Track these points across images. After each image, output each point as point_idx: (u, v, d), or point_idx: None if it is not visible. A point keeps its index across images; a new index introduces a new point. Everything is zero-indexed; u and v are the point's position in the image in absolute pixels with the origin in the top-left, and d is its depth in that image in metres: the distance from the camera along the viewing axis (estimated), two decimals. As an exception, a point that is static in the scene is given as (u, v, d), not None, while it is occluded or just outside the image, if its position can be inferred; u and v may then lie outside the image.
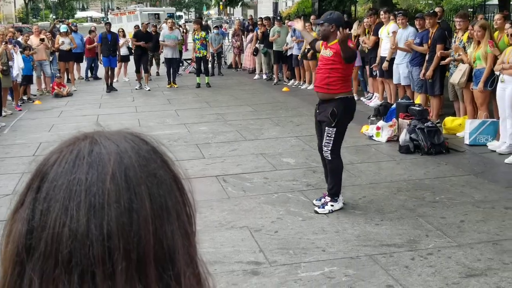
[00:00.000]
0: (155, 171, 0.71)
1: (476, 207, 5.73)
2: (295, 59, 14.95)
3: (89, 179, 0.67)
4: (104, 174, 0.68)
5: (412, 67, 9.99)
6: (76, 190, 0.67)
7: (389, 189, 6.40)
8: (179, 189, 0.75)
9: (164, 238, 0.69)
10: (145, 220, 0.68)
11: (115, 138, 0.72)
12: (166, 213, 0.71)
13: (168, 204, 0.71)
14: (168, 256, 0.70)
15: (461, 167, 7.28)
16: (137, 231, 0.67)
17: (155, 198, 0.70)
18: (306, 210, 5.76)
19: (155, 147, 0.76)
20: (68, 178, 0.67)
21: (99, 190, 0.67)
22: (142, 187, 0.69)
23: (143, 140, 0.75)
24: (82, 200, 0.66)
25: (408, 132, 7.98)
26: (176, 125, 10.28)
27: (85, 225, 0.65)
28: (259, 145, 8.58)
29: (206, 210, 5.84)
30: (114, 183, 0.67)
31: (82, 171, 0.68)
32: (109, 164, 0.68)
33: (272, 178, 6.91)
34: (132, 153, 0.71)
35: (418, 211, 5.66)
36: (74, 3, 71.45)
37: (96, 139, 0.72)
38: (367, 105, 11.79)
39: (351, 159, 7.72)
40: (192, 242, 0.75)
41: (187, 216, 0.74)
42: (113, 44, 15.73)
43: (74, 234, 0.65)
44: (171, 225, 0.71)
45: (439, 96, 9.64)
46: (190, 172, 5.73)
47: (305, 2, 35.85)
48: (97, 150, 0.70)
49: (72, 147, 0.71)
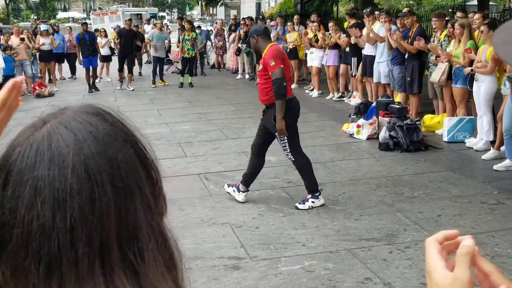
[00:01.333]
0: (115, 154, 0.73)
1: (453, 202, 5.85)
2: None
3: (51, 174, 0.70)
4: (65, 168, 0.70)
5: (393, 65, 10.12)
6: (41, 186, 0.69)
7: (369, 185, 6.50)
8: (141, 163, 0.77)
9: (127, 218, 0.72)
10: (108, 205, 0.71)
11: (72, 125, 0.74)
12: (129, 192, 0.73)
13: (130, 183, 0.73)
14: (132, 233, 0.73)
15: (439, 163, 7.41)
16: (99, 218, 0.70)
17: (116, 182, 0.72)
18: (287, 206, 5.84)
19: (115, 123, 0.77)
20: (32, 174, 0.70)
21: (62, 184, 0.69)
22: (103, 174, 0.71)
23: (102, 118, 0.76)
24: (47, 196, 0.69)
25: (387, 130, 8.10)
26: (159, 124, 10.31)
27: (51, 219, 0.69)
28: (241, 144, 8.64)
29: (188, 207, 5.89)
30: (75, 176, 0.70)
31: (44, 167, 0.70)
32: (69, 157, 0.70)
33: (254, 175, 6.96)
34: (90, 140, 0.72)
35: (397, 206, 5.77)
36: (55, 4, 70.90)
37: (53, 128, 0.73)
38: (347, 103, 11.92)
39: (332, 156, 7.82)
40: (154, 213, 0.77)
41: (149, 188, 0.77)
42: (91, 44, 15.66)
43: (41, 229, 0.69)
44: (133, 203, 0.73)
45: (418, 95, 9.78)
46: (173, 170, 5.81)
47: (287, 2, 36.03)
48: (56, 143, 0.71)
49: (31, 138, 0.73)
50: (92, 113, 0.76)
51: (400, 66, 9.94)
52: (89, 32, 15.96)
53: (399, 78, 9.98)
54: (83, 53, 15.49)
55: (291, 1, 33.39)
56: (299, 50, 14.27)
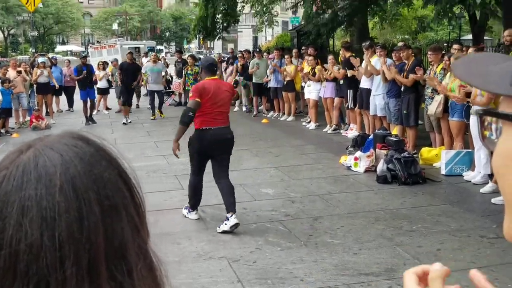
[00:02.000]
0: (101, 173, 0.74)
1: (452, 236, 5.79)
2: (273, 91, 15.13)
3: (39, 194, 0.69)
4: (52, 187, 0.70)
5: (389, 98, 10.15)
6: (28, 206, 0.69)
7: (367, 218, 6.44)
8: (125, 184, 0.77)
9: (115, 237, 0.72)
10: (95, 224, 0.71)
11: (57, 147, 0.74)
12: (115, 211, 0.73)
13: (116, 202, 0.74)
14: (119, 253, 0.72)
15: (438, 196, 7.37)
16: (87, 236, 0.70)
17: (103, 201, 0.72)
18: (285, 240, 5.77)
19: (98, 147, 0.78)
20: (19, 195, 0.70)
21: (49, 203, 0.69)
22: (90, 193, 0.71)
23: (86, 142, 0.77)
24: (35, 215, 0.69)
25: (385, 162, 8.07)
26: (155, 156, 10.27)
27: (39, 238, 0.68)
28: (238, 176, 8.57)
29: (185, 241, 5.82)
30: (62, 195, 0.70)
31: (31, 187, 0.70)
32: (56, 177, 0.71)
33: (251, 208, 6.92)
34: (76, 160, 0.73)
35: (396, 240, 5.70)
36: (54, 37, 71.52)
37: (39, 151, 0.74)
38: (345, 135, 11.93)
39: (330, 189, 7.77)
40: (141, 233, 0.77)
41: (135, 208, 0.77)
42: (89, 77, 15.72)
43: (29, 248, 0.68)
44: (120, 222, 0.73)
45: (415, 127, 9.79)
46: (169, 203, 5.75)
47: (284, 36, 36.38)
48: (42, 163, 0.72)
49: (17, 161, 0.73)
50: (76, 137, 0.78)
51: (396, 99, 9.97)
52: (87, 65, 16.04)
53: (395, 110, 10.00)
54: (81, 85, 15.51)
55: (287, 35, 33.74)
56: (296, 83, 14.35)
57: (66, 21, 64.60)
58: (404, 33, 36.83)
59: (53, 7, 62.13)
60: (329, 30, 19.38)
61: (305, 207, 6.93)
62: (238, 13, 21.13)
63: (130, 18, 69.34)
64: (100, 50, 36.27)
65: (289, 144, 11.30)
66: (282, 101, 15.00)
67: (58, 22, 64.11)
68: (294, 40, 24.39)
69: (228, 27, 21.88)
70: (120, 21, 68.67)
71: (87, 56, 17.59)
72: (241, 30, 57.65)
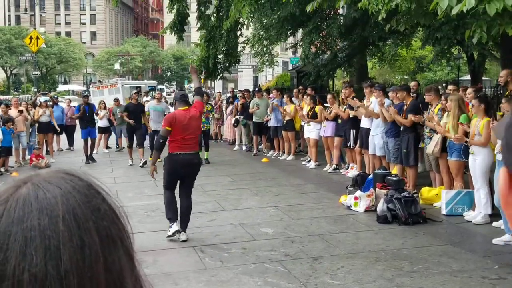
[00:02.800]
0: (98, 205, 0.77)
1: (454, 277, 5.73)
2: (273, 130, 15.21)
3: (42, 224, 0.71)
4: (55, 217, 0.72)
5: (388, 138, 10.18)
6: (31, 236, 0.70)
7: (368, 259, 6.38)
8: (117, 218, 0.80)
9: (113, 267, 0.74)
10: (96, 253, 0.72)
11: (55, 181, 0.76)
12: (113, 242, 0.76)
13: (113, 233, 0.76)
14: (118, 281, 0.74)
15: (439, 237, 7.31)
16: (89, 265, 0.71)
17: (101, 231, 0.75)
18: (284, 281, 5.70)
19: (90, 183, 0.80)
20: (21, 226, 0.71)
21: (53, 233, 0.70)
22: (90, 223, 0.74)
23: (78, 178, 0.79)
24: (38, 245, 0.69)
25: (385, 202, 8.04)
26: (155, 195, 10.21)
27: (44, 267, 0.69)
28: (238, 215, 8.55)
29: (183, 281, 5.75)
30: (65, 225, 0.71)
31: (33, 218, 0.71)
32: (57, 207, 0.72)
33: (250, 248, 6.86)
34: (75, 192, 0.75)
35: (397, 281, 5.63)
36: (56, 77, 72.24)
37: (37, 185, 0.75)
38: (345, 175, 11.91)
39: (330, 228, 7.72)
40: (135, 264, 0.80)
41: (128, 241, 0.80)
42: (91, 116, 15.75)
43: (34, 278, 0.68)
44: (117, 252, 0.76)
45: (414, 167, 9.79)
46: (168, 243, 5.69)
47: (284, 76, 36.77)
48: (42, 195, 0.73)
49: (16, 195, 0.74)
50: (69, 174, 0.80)
51: (395, 139, 10.00)
52: (89, 104, 16.04)
53: (395, 150, 10.02)
54: (82, 124, 15.50)
55: (287, 75, 34.11)
56: (295, 122, 14.43)
57: (69, 61, 65.42)
58: (403, 73, 37.21)
59: (56, 47, 63.02)
60: (329, 70, 19.59)
61: (304, 247, 6.87)
62: (238, 53, 21.39)
63: (132, 58, 70.18)
64: (102, 89, 36.53)
65: (289, 183, 11.28)
66: (282, 140, 15.05)
67: (61, 62, 64.93)
68: (294, 80, 24.66)
69: (229, 67, 22.12)
70: (122, 61, 69.46)
71: (89, 95, 17.55)
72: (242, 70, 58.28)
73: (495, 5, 5.62)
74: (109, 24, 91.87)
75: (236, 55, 21.12)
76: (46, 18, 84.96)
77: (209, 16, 20.57)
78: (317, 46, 18.78)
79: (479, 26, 6.60)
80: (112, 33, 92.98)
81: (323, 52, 19.91)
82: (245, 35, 20.73)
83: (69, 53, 64.70)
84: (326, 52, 20.01)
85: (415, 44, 25.95)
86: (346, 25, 18.43)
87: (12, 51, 57.81)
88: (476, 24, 6.68)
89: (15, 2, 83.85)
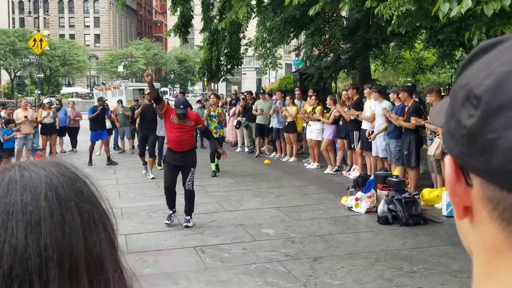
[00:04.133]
0: (81, 188, 0.80)
1: (453, 277, 5.74)
2: (275, 132, 15.24)
3: (24, 199, 0.74)
4: (37, 194, 0.75)
5: (389, 139, 10.19)
6: (13, 211, 0.73)
7: (368, 259, 6.39)
8: (100, 205, 0.83)
9: (94, 248, 0.77)
10: (76, 232, 0.75)
11: (41, 165, 0.80)
12: (94, 225, 0.78)
13: (95, 217, 0.79)
14: (98, 263, 0.77)
15: (439, 238, 7.32)
16: (69, 242, 0.74)
17: (83, 212, 0.77)
18: (284, 281, 5.71)
19: (75, 171, 0.84)
20: (4, 200, 0.74)
21: (34, 208, 0.74)
22: (72, 203, 0.77)
23: (65, 166, 0.83)
24: (20, 219, 0.73)
25: (386, 203, 8.05)
26: (156, 196, 10.24)
27: (24, 240, 0.72)
28: (239, 216, 8.58)
29: (183, 281, 5.77)
30: (47, 201, 0.75)
31: (16, 194, 0.75)
32: (41, 186, 0.76)
33: (251, 248, 6.88)
34: (59, 174, 0.79)
35: (396, 281, 5.65)
36: (60, 79, 72.38)
37: (24, 166, 0.80)
38: (346, 176, 11.93)
39: (330, 229, 7.74)
40: (117, 250, 0.82)
41: (111, 227, 0.82)
42: (103, 119, 15.72)
43: (14, 249, 0.72)
44: (98, 235, 0.78)
45: (416, 168, 9.80)
46: (169, 243, 5.73)
47: (287, 78, 36.80)
48: (27, 175, 0.77)
49: (2, 175, 0.78)
50: (55, 162, 0.84)
51: (396, 140, 10.01)
52: (103, 107, 15.89)
53: (396, 151, 10.03)
54: (93, 126, 15.41)
55: (290, 77, 34.12)
56: (297, 124, 14.46)
57: (72, 64, 65.52)
58: (406, 75, 37.18)
59: (60, 50, 63.13)
60: (332, 72, 19.60)
61: (305, 248, 6.89)
62: (241, 55, 21.40)
63: (135, 61, 70.29)
64: (105, 91, 36.59)
65: (291, 185, 11.30)
66: (284, 142, 15.07)
67: (64, 64, 65.04)
68: (297, 82, 24.65)
69: (232, 69, 22.14)
70: (125, 64, 69.57)
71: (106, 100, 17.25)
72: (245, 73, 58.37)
73: (492, 6, 5.63)
74: (113, 27, 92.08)
75: (239, 57, 21.15)
76: (50, 21, 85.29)
77: (211, 18, 20.61)
78: (320, 49, 18.80)
79: (478, 28, 6.61)
80: (115, 35, 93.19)
81: (326, 55, 19.94)
82: (247, 37, 20.77)
83: (72, 56, 64.82)
84: (329, 54, 20.02)
85: (418, 46, 25.92)
86: (348, 27, 18.45)
87: (16, 54, 57.93)
88: (475, 26, 6.69)
89: (19, 5, 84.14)
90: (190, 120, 8.12)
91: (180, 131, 8.03)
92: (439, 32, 16.00)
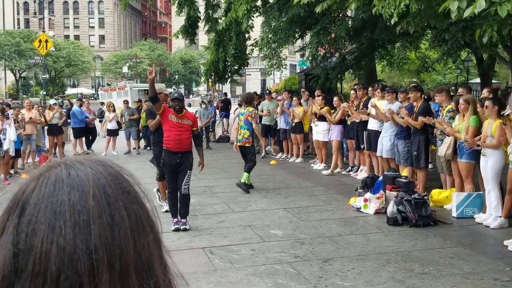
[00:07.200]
0: (127, 188, 0.78)
1: (465, 279, 5.68)
2: (282, 132, 15.19)
3: (72, 199, 0.72)
4: (86, 193, 0.72)
5: (398, 140, 10.13)
6: (61, 211, 0.71)
7: (378, 260, 6.34)
8: (147, 205, 0.81)
9: (143, 250, 0.74)
10: (125, 233, 0.73)
11: (87, 163, 0.78)
12: (142, 226, 0.76)
13: (142, 217, 0.77)
14: (147, 266, 0.74)
15: (449, 239, 7.26)
16: (118, 243, 0.71)
17: (131, 213, 0.75)
18: (294, 282, 5.67)
19: (121, 169, 0.82)
20: (51, 200, 0.71)
21: (83, 208, 0.71)
22: (120, 203, 0.74)
23: (109, 164, 0.81)
24: (68, 219, 0.70)
25: (395, 204, 8.00)
26: (164, 197, 10.21)
27: (73, 240, 0.69)
28: (247, 217, 8.54)
29: (193, 282, 5.72)
30: (95, 201, 0.72)
31: (63, 193, 0.72)
32: (88, 185, 0.73)
33: (260, 249, 6.84)
34: (106, 173, 0.77)
35: (408, 283, 5.59)
36: (65, 80, 72.47)
37: (70, 164, 0.77)
38: (354, 177, 11.87)
39: (339, 231, 7.68)
40: (164, 253, 0.80)
41: (157, 228, 0.80)
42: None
43: (62, 251, 0.68)
44: (147, 237, 0.76)
45: (425, 169, 9.74)
46: (177, 244, 5.69)
47: (292, 79, 36.78)
48: (74, 173, 0.75)
49: (48, 173, 0.75)
50: (99, 160, 0.82)
51: (405, 141, 9.95)
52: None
53: (405, 152, 9.96)
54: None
55: (295, 78, 34.09)
56: (304, 125, 14.41)
57: (77, 64, 65.59)
58: (412, 76, 37.12)
59: (65, 51, 63.21)
60: (338, 73, 19.55)
61: (314, 249, 6.84)
62: (247, 56, 21.40)
63: (140, 61, 70.32)
64: (110, 92, 36.66)
65: (298, 186, 11.25)
66: (291, 143, 15.02)
67: (69, 65, 65.11)
68: (302, 82, 24.59)
69: (239, 70, 22.15)
70: (130, 64, 69.63)
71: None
72: (250, 73, 58.34)
73: (506, 7, 5.58)
74: (118, 28, 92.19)
75: (245, 57, 21.14)
76: (55, 22, 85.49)
77: (217, 20, 20.60)
78: (325, 48, 18.76)
79: (490, 25, 6.55)
80: (120, 36, 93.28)
81: (331, 55, 19.88)
82: (253, 38, 20.76)
83: (77, 57, 64.89)
84: (334, 54, 19.97)
85: (423, 47, 25.84)
86: (354, 27, 18.40)
87: (21, 55, 58.01)
88: (487, 24, 6.63)
89: (24, 6, 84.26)
90: (188, 119, 8.11)
91: (179, 129, 7.97)
92: (445, 31, 15.93)
